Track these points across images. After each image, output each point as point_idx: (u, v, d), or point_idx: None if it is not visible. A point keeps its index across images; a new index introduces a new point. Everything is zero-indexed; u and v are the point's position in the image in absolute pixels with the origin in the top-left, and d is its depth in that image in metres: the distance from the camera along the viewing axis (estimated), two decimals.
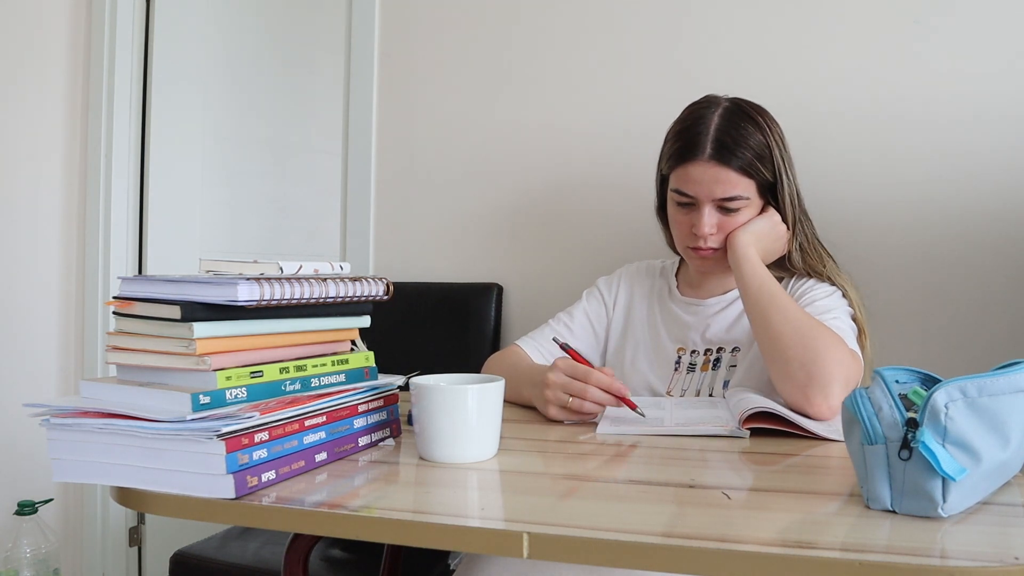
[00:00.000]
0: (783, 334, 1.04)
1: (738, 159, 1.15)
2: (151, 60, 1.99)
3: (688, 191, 1.18)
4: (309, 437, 0.79)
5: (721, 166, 1.15)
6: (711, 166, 1.15)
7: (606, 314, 1.37)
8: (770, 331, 1.06)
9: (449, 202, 1.80)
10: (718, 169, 1.15)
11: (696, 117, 1.19)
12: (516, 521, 0.63)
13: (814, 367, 1.00)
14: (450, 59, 1.79)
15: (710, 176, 1.15)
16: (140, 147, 2.00)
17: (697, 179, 1.16)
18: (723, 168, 1.15)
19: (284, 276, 0.80)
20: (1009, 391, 0.64)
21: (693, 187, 1.17)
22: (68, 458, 0.74)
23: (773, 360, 1.05)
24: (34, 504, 1.76)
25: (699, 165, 1.16)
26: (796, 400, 1.01)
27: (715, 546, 0.56)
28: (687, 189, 1.18)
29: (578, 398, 1.02)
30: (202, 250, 2.08)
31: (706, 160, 1.15)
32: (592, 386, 1.02)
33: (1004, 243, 1.40)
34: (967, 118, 1.42)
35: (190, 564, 1.42)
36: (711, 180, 1.16)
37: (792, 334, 1.04)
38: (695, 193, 1.17)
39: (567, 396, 1.03)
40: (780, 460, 0.84)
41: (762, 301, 1.10)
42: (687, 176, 1.18)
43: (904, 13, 1.45)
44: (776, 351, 1.04)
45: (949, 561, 0.54)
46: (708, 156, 1.15)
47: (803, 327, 1.04)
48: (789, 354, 1.02)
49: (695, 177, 1.17)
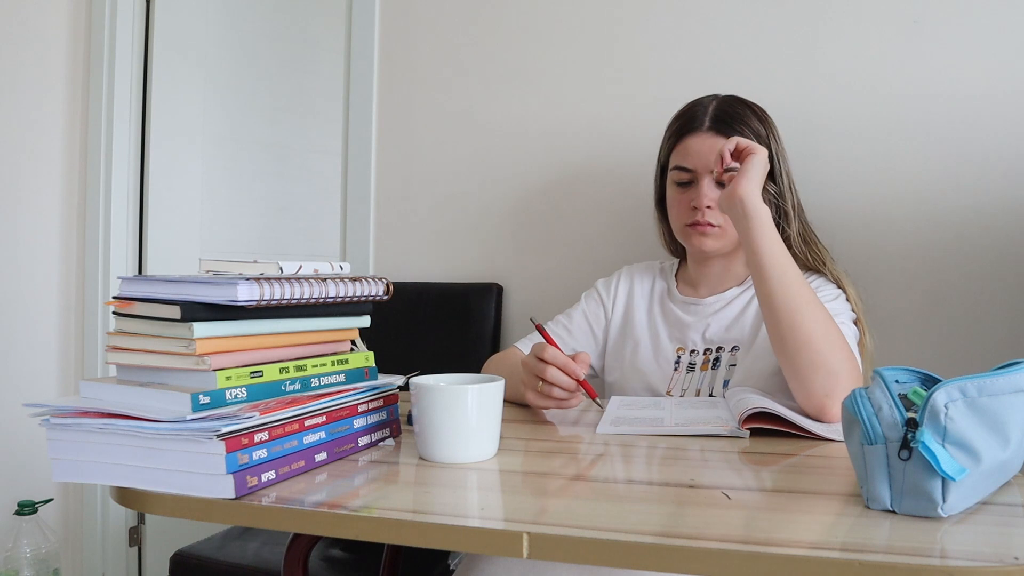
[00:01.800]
0: (813, 339, 0.98)
1: (736, 132, 1.19)
2: (151, 60, 1.99)
3: (687, 164, 1.22)
4: (309, 437, 0.79)
5: (720, 137, 1.19)
6: (710, 136, 1.20)
7: (604, 315, 1.37)
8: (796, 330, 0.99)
9: (449, 202, 1.80)
10: (717, 139, 1.19)
11: (695, 103, 1.26)
12: (516, 521, 0.63)
13: (838, 379, 0.97)
14: (450, 59, 1.79)
15: (708, 147, 1.19)
16: (140, 147, 2.00)
17: (696, 150, 1.21)
18: (722, 139, 1.18)
19: (284, 276, 0.80)
20: (1009, 391, 0.64)
21: (692, 159, 1.21)
22: (68, 458, 0.74)
23: (795, 357, 0.99)
24: (34, 504, 1.76)
25: (698, 136, 1.21)
26: (812, 405, 0.98)
27: (715, 546, 0.56)
28: (686, 163, 1.22)
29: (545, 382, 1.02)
30: (202, 250, 2.09)
31: (705, 131, 1.21)
32: (550, 366, 1.01)
33: (1004, 243, 1.40)
34: (967, 118, 1.42)
35: (190, 564, 1.42)
36: (709, 150, 1.19)
37: (822, 340, 0.99)
38: (694, 165, 1.21)
39: (537, 380, 1.03)
40: (780, 460, 0.84)
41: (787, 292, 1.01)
42: (687, 149, 1.22)
43: (904, 13, 1.45)
44: (801, 353, 0.98)
45: (949, 561, 0.54)
46: (707, 127, 1.21)
47: (831, 333, 1.00)
48: (817, 360, 0.97)
49: (694, 149, 1.21)
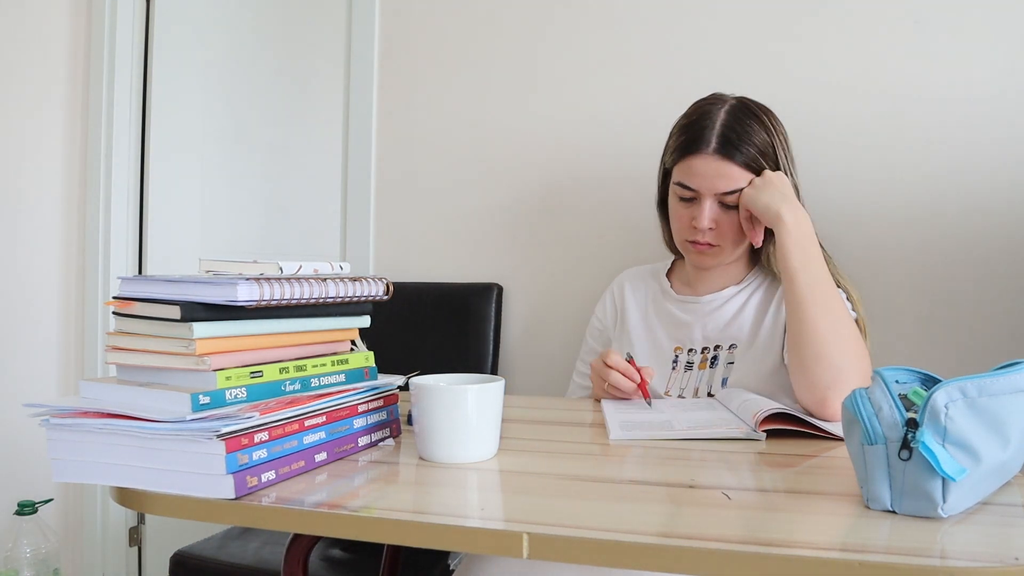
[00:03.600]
0: (820, 331, 1.04)
1: (742, 154, 1.16)
2: (151, 61, 1.99)
3: (691, 184, 1.19)
4: (309, 437, 0.78)
5: (725, 160, 1.16)
6: (715, 160, 1.17)
7: (607, 336, 1.40)
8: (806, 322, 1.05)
9: (449, 202, 1.80)
10: (721, 163, 1.16)
11: (702, 112, 1.21)
12: (516, 521, 0.63)
13: (841, 372, 1.00)
14: (450, 59, 1.79)
15: (713, 170, 1.17)
16: (140, 147, 2.00)
17: (701, 172, 1.18)
18: (727, 162, 1.16)
19: (284, 276, 0.80)
20: (1009, 391, 0.64)
21: (696, 180, 1.18)
22: (68, 458, 0.74)
23: (802, 348, 1.05)
24: (34, 504, 1.76)
25: (703, 158, 1.17)
26: (815, 397, 1.02)
27: (715, 546, 0.56)
28: (690, 182, 1.19)
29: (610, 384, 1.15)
30: (202, 250, 2.08)
31: (711, 154, 1.17)
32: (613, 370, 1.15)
33: (1004, 243, 1.40)
34: (967, 118, 1.42)
35: (190, 564, 1.42)
36: (714, 174, 1.17)
37: (830, 331, 1.04)
38: (698, 186, 1.19)
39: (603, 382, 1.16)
40: (779, 460, 0.84)
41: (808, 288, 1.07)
42: (691, 169, 1.19)
43: (904, 13, 1.45)
44: (809, 343, 1.04)
45: (949, 561, 0.54)
46: (713, 150, 1.17)
47: (842, 331, 1.05)
48: (822, 351, 1.03)
49: (699, 170, 1.18)
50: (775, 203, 1.11)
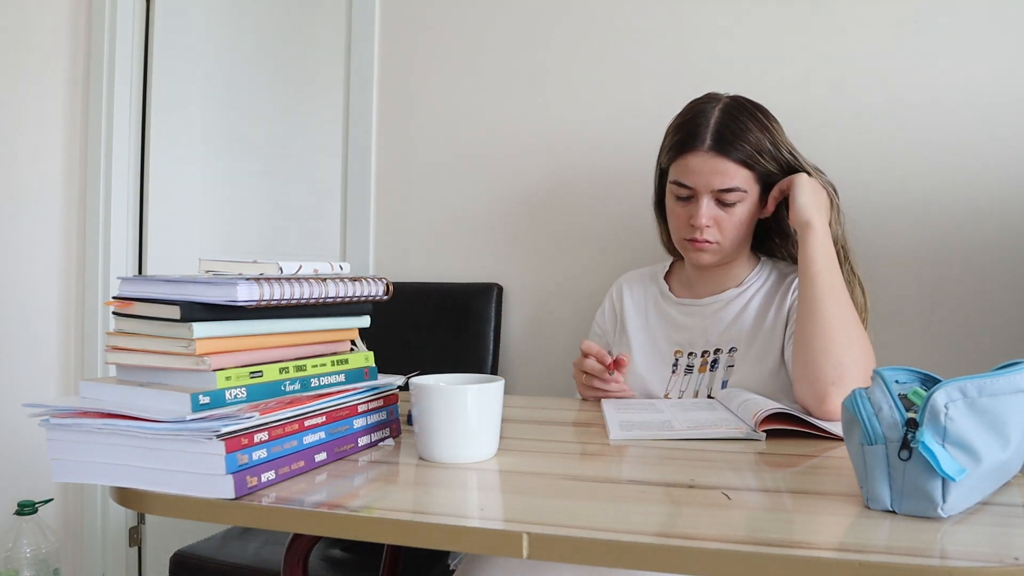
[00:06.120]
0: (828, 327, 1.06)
1: (737, 151, 1.16)
2: (151, 60, 1.99)
3: (687, 182, 1.19)
4: (309, 437, 0.79)
5: (720, 157, 1.16)
6: (710, 157, 1.17)
7: (607, 339, 1.41)
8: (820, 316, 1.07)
9: (449, 202, 1.80)
10: (717, 160, 1.17)
11: (697, 111, 1.21)
12: (516, 521, 0.63)
13: (846, 370, 1.02)
14: (450, 59, 1.79)
15: (709, 167, 1.17)
16: (140, 147, 2.00)
17: (696, 169, 1.18)
18: (722, 159, 1.16)
19: (284, 276, 0.80)
20: (1009, 391, 0.64)
21: (692, 178, 1.19)
22: (68, 458, 0.74)
23: (810, 341, 1.06)
24: (34, 504, 1.76)
25: (699, 156, 1.17)
26: (816, 392, 1.02)
27: (714, 546, 0.56)
28: (686, 180, 1.19)
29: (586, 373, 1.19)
30: (202, 250, 2.08)
31: (706, 151, 1.17)
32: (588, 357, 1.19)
33: (1004, 243, 1.40)
34: (968, 117, 1.42)
35: (190, 564, 1.42)
36: (710, 171, 1.17)
37: (840, 329, 1.05)
38: (694, 184, 1.19)
39: (583, 374, 1.20)
40: (779, 460, 0.84)
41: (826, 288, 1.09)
42: (686, 167, 1.19)
43: (905, 13, 1.45)
44: (818, 337, 1.05)
45: (949, 561, 0.54)
46: (708, 147, 1.17)
47: (851, 330, 1.06)
48: (830, 347, 1.04)
49: (694, 168, 1.18)
50: (811, 207, 1.14)
